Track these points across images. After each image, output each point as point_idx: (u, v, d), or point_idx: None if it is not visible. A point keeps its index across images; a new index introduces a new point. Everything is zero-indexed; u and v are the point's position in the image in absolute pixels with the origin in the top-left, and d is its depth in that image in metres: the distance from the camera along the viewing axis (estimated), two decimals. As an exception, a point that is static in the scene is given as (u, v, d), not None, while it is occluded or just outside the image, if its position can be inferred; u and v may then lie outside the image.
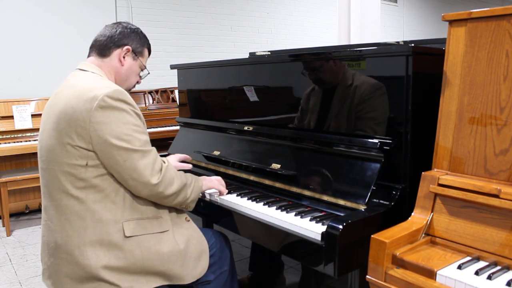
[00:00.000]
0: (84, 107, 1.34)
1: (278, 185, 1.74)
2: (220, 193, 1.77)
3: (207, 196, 1.82)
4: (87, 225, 1.37)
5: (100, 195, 1.37)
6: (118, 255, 1.37)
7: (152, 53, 1.71)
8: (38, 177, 3.50)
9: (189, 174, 1.60)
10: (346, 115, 1.62)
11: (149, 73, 1.72)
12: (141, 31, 1.64)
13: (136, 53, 1.59)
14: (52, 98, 1.49)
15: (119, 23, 1.61)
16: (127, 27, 1.59)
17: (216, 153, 2.10)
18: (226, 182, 1.84)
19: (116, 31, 1.56)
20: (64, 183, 1.38)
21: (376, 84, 1.51)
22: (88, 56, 1.59)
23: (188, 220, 1.59)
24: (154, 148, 1.44)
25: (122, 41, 1.56)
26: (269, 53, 2.56)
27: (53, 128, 1.39)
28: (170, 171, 1.45)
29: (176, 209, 1.56)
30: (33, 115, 4.02)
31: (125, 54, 1.56)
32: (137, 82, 1.67)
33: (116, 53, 1.55)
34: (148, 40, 1.67)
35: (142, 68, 1.65)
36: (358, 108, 1.58)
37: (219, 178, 1.79)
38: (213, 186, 1.75)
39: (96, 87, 1.38)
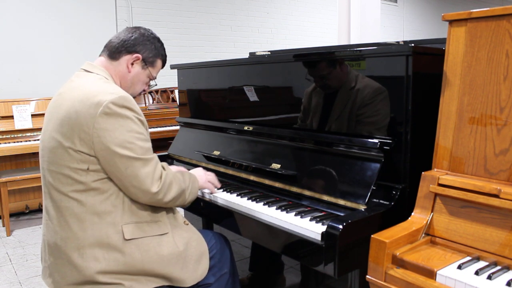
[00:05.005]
0: (88, 112, 1.33)
1: (278, 185, 1.74)
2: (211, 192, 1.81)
3: (207, 197, 1.82)
4: (86, 227, 1.36)
5: (100, 197, 1.37)
6: (117, 258, 1.37)
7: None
8: (38, 177, 3.55)
9: (187, 175, 1.60)
10: (347, 118, 1.61)
11: (156, 84, 1.68)
12: (158, 41, 1.59)
13: (146, 63, 1.55)
14: (55, 99, 1.47)
15: (139, 28, 1.57)
16: (145, 35, 1.55)
17: (216, 153, 2.10)
18: (226, 182, 1.84)
19: (132, 36, 1.53)
20: (64, 185, 1.37)
21: (379, 88, 1.51)
22: (100, 55, 1.56)
23: (187, 224, 1.58)
24: (155, 155, 1.43)
25: (134, 47, 1.52)
26: (269, 53, 2.56)
27: (55, 130, 1.38)
28: (169, 177, 1.45)
29: (174, 213, 1.56)
30: (33, 115, 4.02)
31: (134, 61, 1.53)
32: (143, 91, 1.64)
33: (125, 58, 1.52)
34: (164, 51, 1.62)
35: (151, 78, 1.61)
36: (359, 112, 1.57)
37: (212, 178, 1.80)
38: (205, 187, 1.77)
39: (101, 92, 1.36)
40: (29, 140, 3.90)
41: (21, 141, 3.87)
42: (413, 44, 1.56)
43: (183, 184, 1.52)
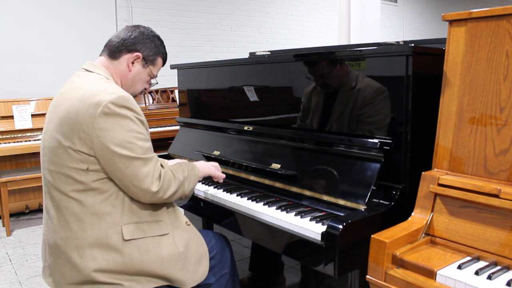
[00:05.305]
0: (88, 112, 1.32)
1: (278, 185, 1.74)
2: (217, 179, 1.76)
3: (208, 197, 1.82)
4: (86, 227, 1.36)
5: (99, 197, 1.37)
6: (116, 258, 1.36)
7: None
8: (38, 177, 3.55)
9: (184, 163, 1.58)
10: (347, 118, 1.61)
11: (157, 82, 1.67)
12: (158, 39, 1.59)
13: (147, 61, 1.55)
14: (56, 99, 1.47)
15: (138, 26, 1.57)
16: (144, 33, 1.55)
17: (216, 153, 2.10)
18: (226, 182, 1.83)
19: (132, 35, 1.53)
20: (64, 185, 1.37)
21: (380, 88, 1.51)
22: (100, 54, 1.56)
23: (189, 225, 1.57)
24: (155, 155, 1.43)
25: (134, 46, 1.52)
26: (269, 53, 2.56)
27: (56, 129, 1.38)
28: (168, 174, 1.44)
29: (176, 214, 1.55)
30: (33, 115, 4.02)
31: (134, 60, 1.53)
32: (145, 89, 1.64)
33: (126, 57, 1.52)
34: (164, 49, 1.61)
35: (152, 76, 1.60)
36: (360, 112, 1.57)
37: (216, 164, 1.77)
38: (209, 172, 1.73)
39: (101, 92, 1.36)
40: (29, 140, 3.89)
41: (21, 141, 3.87)
42: (413, 44, 1.56)
43: (181, 175, 1.51)
